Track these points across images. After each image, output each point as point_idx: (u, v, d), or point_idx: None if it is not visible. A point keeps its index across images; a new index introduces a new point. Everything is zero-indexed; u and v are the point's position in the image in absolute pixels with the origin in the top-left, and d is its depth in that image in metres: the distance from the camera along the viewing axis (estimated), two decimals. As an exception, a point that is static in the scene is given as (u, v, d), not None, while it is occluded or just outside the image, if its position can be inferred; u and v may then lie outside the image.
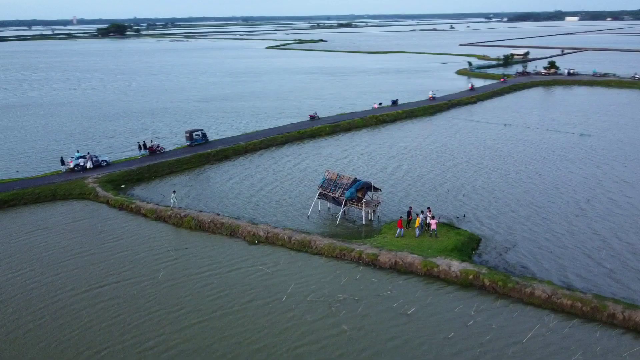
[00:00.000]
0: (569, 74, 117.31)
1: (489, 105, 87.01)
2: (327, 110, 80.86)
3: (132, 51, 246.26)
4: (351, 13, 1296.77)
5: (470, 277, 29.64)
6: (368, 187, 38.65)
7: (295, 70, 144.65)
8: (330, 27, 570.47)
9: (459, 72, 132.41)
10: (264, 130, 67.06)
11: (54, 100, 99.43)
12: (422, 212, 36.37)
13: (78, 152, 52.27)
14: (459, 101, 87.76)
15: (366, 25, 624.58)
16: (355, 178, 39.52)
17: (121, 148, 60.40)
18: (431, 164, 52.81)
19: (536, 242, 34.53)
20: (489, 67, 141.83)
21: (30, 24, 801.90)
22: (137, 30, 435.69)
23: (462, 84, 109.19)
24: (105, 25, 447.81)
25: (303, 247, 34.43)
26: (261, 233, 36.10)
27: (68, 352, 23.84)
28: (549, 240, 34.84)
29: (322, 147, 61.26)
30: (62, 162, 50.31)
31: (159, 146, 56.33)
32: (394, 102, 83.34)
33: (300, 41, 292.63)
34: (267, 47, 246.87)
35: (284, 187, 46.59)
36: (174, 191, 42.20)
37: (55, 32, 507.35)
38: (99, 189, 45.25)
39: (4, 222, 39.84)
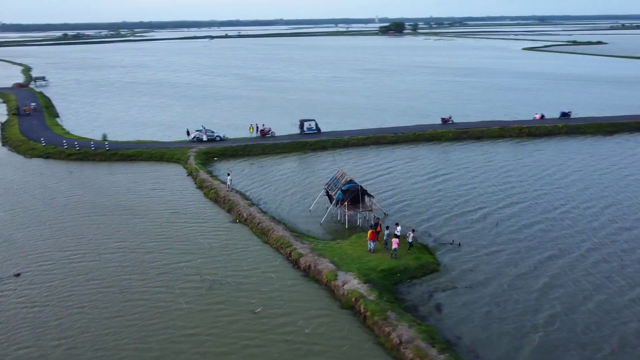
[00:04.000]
0: None
1: None
2: (486, 115, 73.94)
3: (387, 47, 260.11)
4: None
5: (353, 299, 26.75)
6: (353, 190, 36.70)
7: (515, 74, 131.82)
8: (637, 27, 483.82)
9: None
10: (382, 128, 66.50)
11: (257, 86, 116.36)
12: (387, 227, 33.08)
13: (202, 126, 62.69)
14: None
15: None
16: (351, 179, 37.96)
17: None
18: (485, 184, 45.36)
19: (494, 292, 27.87)
20: None
21: (337, 22, 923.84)
22: (414, 29, 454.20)
23: None
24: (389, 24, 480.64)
25: (262, 234, 35.79)
26: (244, 214, 38.68)
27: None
28: (502, 293, 27.68)
29: (423, 150, 57.86)
30: (188, 134, 61.48)
31: (270, 130, 62.67)
32: (565, 115, 70.14)
33: (575, 43, 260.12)
34: (524, 49, 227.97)
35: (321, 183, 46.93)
36: (229, 173, 45.84)
37: (349, 29, 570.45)
38: (191, 158, 54.20)
39: (116, 167, 53.06)
